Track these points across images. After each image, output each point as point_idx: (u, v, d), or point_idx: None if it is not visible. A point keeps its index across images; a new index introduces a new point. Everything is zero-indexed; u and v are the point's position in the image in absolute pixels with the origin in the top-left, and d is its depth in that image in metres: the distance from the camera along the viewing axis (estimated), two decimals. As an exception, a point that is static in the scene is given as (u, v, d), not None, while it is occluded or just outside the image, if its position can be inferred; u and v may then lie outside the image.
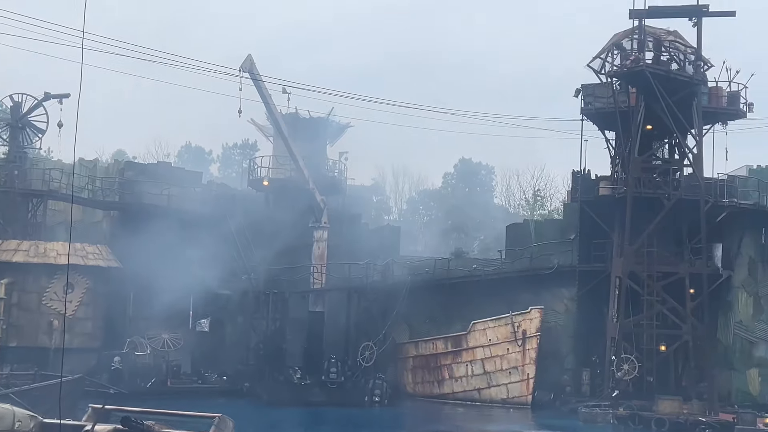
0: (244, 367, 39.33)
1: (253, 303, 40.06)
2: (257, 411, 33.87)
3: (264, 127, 45.42)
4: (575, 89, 38.68)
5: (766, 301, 36.99)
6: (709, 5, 37.04)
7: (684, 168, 37.49)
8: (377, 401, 36.78)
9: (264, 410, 34.46)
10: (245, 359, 39.68)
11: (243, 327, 40.84)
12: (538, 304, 37.45)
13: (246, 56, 38.24)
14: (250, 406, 34.97)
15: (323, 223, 40.96)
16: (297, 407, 34.94)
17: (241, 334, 40.70)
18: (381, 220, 60.26)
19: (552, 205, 71.62)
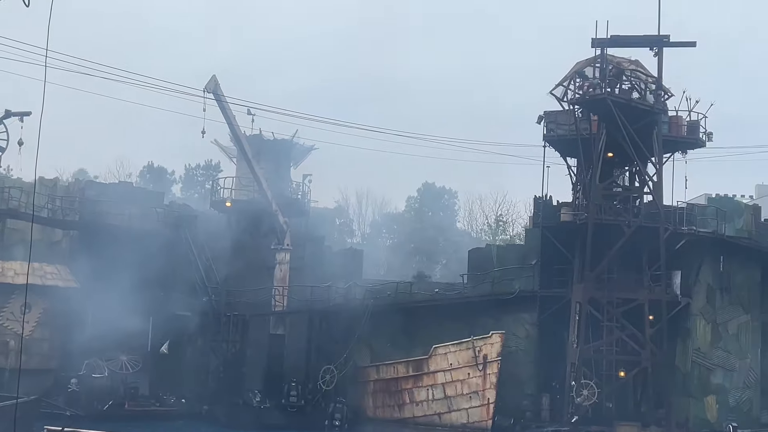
0: (203, 389, 38.94)
1: (213, 325, 39.74)
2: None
3: (227, 148, 45.28)
4: (538, 116, 39.05)
5: (724, 329, 37.42)
6: (670, 36, 37.62)
7: (644, 195, 37.90)
8: (337, 425, 36.56)
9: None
10: (204, 382, 39.29)
11: (203, 349, 40.48)
12: (500, 329, 37.54)
13: (210, 77, 38.21)
14: (208, 429, 34.65)
15: (286, 245, 40.84)
16: (256, 431, 34.63)
17: (201, 357, 40.33)
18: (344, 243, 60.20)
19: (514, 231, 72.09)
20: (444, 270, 59.95)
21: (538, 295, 38.49)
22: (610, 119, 35.90)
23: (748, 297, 38.26)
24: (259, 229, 41.85)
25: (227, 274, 40.72)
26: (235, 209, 42.56)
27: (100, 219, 39.80)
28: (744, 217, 38.96)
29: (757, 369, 38.33)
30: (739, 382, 37.45)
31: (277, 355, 39.75)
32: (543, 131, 38.94)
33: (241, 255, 41.17)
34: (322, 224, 51.24)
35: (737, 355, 37.57)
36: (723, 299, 37.51)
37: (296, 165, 46.14)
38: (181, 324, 40.10)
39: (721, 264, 37.30)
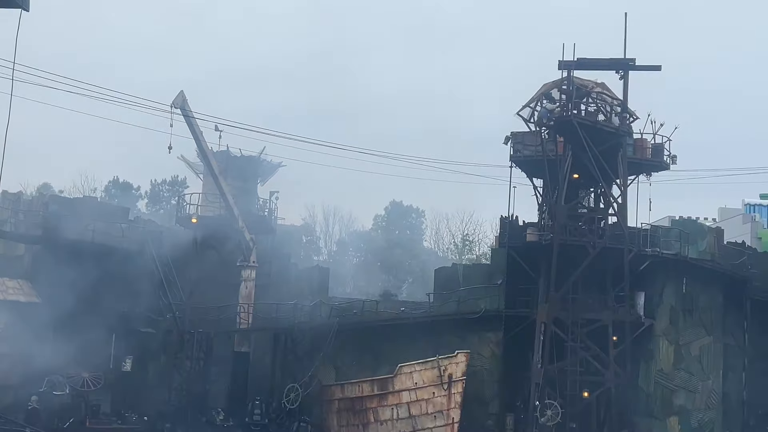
0: (166, 407, 38.52)
1: (177, 342, 39.39)
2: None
3: (194, 164, 45.05)
4: (505, 137, 39.29)
5: (687, 350, 37.75)
6: (635, 59, 38.13)
7: (609, 217, 38.23)
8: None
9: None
10: (167, 399, 38.88)
11: (166, 366, 40.10)
12: (465, 348, 37.57)
13: (178, 92, 38.08)
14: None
15: (251, 263, 40.66)
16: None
17: (164, 374, 39.95)
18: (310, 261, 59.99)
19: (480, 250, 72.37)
20: (410, 289, 60.03)
21: (503, 315, 38.59)
22: (576, 141, 36.23)
23: (711, 319, 38.66)
24: (224, 246, 41.64)
25: (192, 290, 40.42)
26: (201, 226, 42.31)
27: (63, 234, 39.35)
28: (707, 239, 39.43)
29: (719, 390, 38.69)
30: (701, 404, 37.77)
31: (241, 372, 39.48)
32: (510, 152, 39.19)
33: (207, 272, 40.91)
34: (288, 241, 51.10)
35: (699, 376, 37.91)
36: (686, 321, 37.85)
37: (263, 182, 46.02)
38: (145, 341, 39.75)
39: (684, 286, 37.68)
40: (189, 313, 39.62)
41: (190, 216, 42.84)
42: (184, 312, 39.57)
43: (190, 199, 44.32)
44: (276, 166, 45.64)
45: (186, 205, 44.16)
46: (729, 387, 39.81)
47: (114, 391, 38.86)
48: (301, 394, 38.07)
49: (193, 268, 41.07)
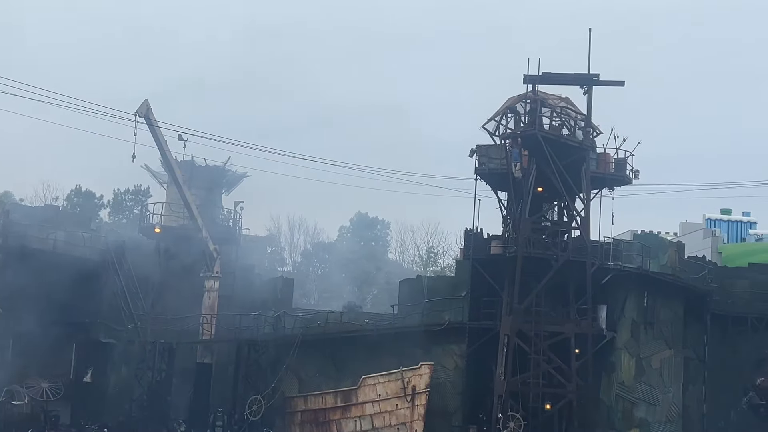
0: (127, 419, 38.17)
1: (138, 353, 39.05)
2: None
3: (158, 173, 44.77)
4: (470, 150, 39.48)
5: (648, 363, 38.07)
6: (599, 74, 38.58)
7: (572, 230, 38.50)
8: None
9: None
10: (128, 411, 38.52)
11: (127, 377, 39.72)
12: (429, 360, 37.64)
13: (142, 101, 37.86)
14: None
15: (215, 273, 40.45)
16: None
17: (125, 385, 39.57)
18: (275, 272, 59.75)
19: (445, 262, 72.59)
20: (375, 300, 59.98)
21: (467, 327, 38.68)
22: (541, 155, 36.52)
23: (671, 332, 39.05)
24: (188, 256, 41.38)
25: (154, 301, 40.13)
26: (165, 235, 42.04)
27: (24, 243, 38.91)
28: (668, 253, 39.84)
29: (679, 403, 39.06)
30: (662, 416, 38.09)
31: (203, 384, 39.18)
32: (475, 165, 39.38)
33: (169, 282, 40.65)
34: (252, 252, 50.90)
35: (660, 389, 38.24)
36: (647, 334, 38.19)
37: (228, 192, 45.84)
38: (106, 351, 39.35)
39: (646, 299, 38.02)
40: (151, 324, 39.30)
41: (153, 226, 42.58)
42: (146, 322, 39.24)
43: (153, 208, 44.11)
44: (241, 176, 45.49)
45: (149, 215, 43.91)
46: (689, 400, 40.22)
47: (74, 402, 38.46)
48: (263, 405, 37.87)
49: (156, 278, 40.78)
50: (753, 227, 77.99)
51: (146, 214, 44.47)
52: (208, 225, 40.95)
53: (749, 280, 43.04)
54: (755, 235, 74.82)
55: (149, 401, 38.25)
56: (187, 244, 41.05)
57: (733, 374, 40.89)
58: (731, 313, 41.73)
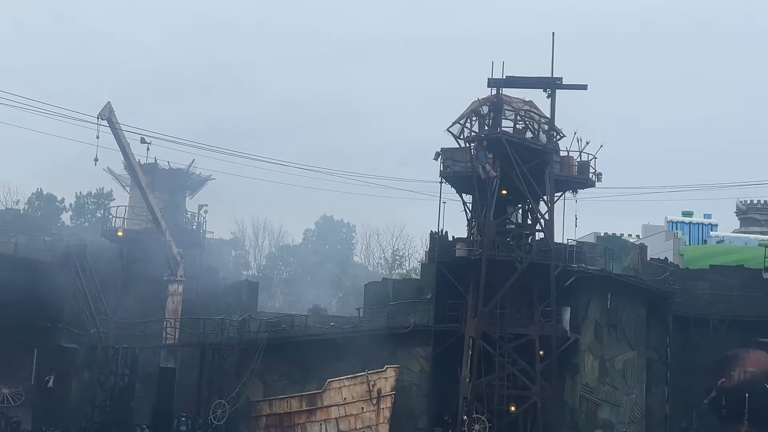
0: (89, 424, 37.69)
1: (101, 357, 38.59)
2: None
3: (121, 176, 44.34)
4: (435, 152, 39.59)
5: (611, 365, 38.39)
6: (562, 78, 38.81)
7: (536, 233, 38.73)
8: (228, 461, 35.89)
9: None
10: (91, 416, 38.03)
11: (89, 382, 39.24)
12: (394, 363, 37.67)
13: (105, 104, 37.51)
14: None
15: (179, 277, 40.11)
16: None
17: (87, 390, 39.08)
18: (239, 275, 59.39)
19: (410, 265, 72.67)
20: (340, 303, 59.87)
21: (432, 330, 38.76)
22: (505, 158, 36.71)
23: (634, 333, 39.41)
24: (151, 260, 40.99)
25: (117, 305, 39.72)
26: (127, 239, 41.64)
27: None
28: (631, 255, 40.21)
29: (642, 404, 39.42)
30: (625, 417, 38.42)
31: (167, 389, 38.82)
32: (440, 168, 39.49)
33: (133, 286, 40.25)
34: (217, 256, 50.56)
35: (623, 390, 38.57)
36: (610, 335, 38.50)
37: (192, 195, 45.50)
38: (68, 356, 38.87)
39: (609, 301, 38.36)
40: (114, 328, 38.87)
41: (116, 229, 42.18)
42: (108, 327, 38.81)
43: (116, 212, 43.65)
44: (205, 179, 45.18)
45: (112, 218, 43.47)
46: (652, 401, 40.62)
47: (35, 408, 37.91)
48: (228, 410, 37.62)
49: (119, 282, 40.38)
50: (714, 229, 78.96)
51: (109, 218, 44.05)
52: (172, 228, 40.61)
53: (710, 282, 43.60)
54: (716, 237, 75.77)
55: (112, 406, 37.82)
56: (151, 248, 40.66)
57: (695, 375, 41.37)
58: (693, 315, 42.23)
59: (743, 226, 76.41)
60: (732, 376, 38.15)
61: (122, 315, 39.58)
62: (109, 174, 44.33)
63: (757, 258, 45.91)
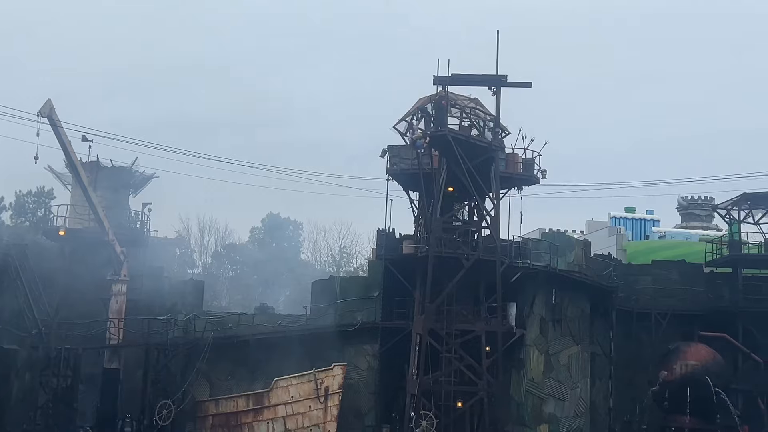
0: (31, 427, 36.98)
1: (43, 359, 37.90)
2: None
3: (62, 174, 43.60)
4: (382, 150, 39.60)
5: (556, 359, 38.79)
6: (507, 76, 39.10)
7: (482, 230, 38.96)
8: (174, 462, 35.51)
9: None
10: (32, 419, 37.32)
11: (31, 384, 38.50)
12: (342, 361, 37.62)
13: (45, 101, 36.84)
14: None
15: (122, 277, 39.58)
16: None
17: (29, 392, 38.34)
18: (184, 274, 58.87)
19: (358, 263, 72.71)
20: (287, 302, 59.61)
21: (380, 327, 38.80)
22: (451, 155, 36.85)
23: (578, 328, 39.86)
24: (94, 259, 40.39)
25: (59, 305, 39.04)
26: (69, 238, 40.98)
27: None
28: (575, 251, 40.66)
29: (587, 398, 39.90)
30: (570, 411, 38.85)
31: (111, 390, 38.29)
32: (386, 165, 39.52)
33: (75, 286, 39.60)
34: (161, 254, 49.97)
35: (568, 384, 39.00)
36: (555, 331, 38.90)
37: (135, 193, 44.93)
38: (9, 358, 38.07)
39: (554, 297, 38.73)
40: (56, 329, 38.20)
41: (57, 228, 41.50)
42: (50, 328, 38.13)
43: (57, 210, 42.97)
44: (148, 177, 44.63)
45: (53, 217, 42.82)
46: (596, 394, 41.14)
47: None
48: (173, 410, 37.24)
49: (61, 282, 39.69)
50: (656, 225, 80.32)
51: (50, 217, 43.42)
52: (115, 227, 40.06)
53: (652, 277, 44.32)
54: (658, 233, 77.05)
55: (54, 408, 37.17)
56: (93, 247, 40.09)
57: (638, 369, 42.02)
58: (636, 309, 42.88)
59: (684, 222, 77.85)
60: (674, 370, 38.81)
61: (64, 315, 38.94)
62: (50, 172, 43.59)
63: (698, 253, 46.81)
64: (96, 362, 39.02)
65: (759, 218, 44.78)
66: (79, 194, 40.86)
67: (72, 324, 38.66)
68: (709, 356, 39.01)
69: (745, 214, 44.51)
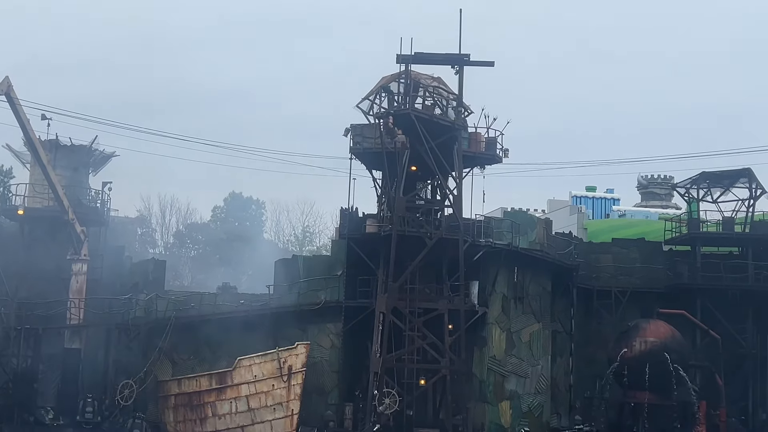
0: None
1: (2, 339, 37.55)
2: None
3: (21, 153, 43.10)
4: (345, 129, 39.52)
5: (518, 337, 39.15)
6: (470, 55, 39.11)
7: (445, 208, 39.10)
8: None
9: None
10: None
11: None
12: (305, 340, 37.66)
13: (3, 78, 36.30)
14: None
15: (83, 256, 39.26)
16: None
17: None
18: (146, 254, 58.44)
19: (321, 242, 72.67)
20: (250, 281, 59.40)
21: (343, 306, 38.88)
22: (414, 134, 36.86)
23: (540, 306, 40.24)
24: (54, 239, 40.03)
25: (19, 285, 38.64)
26: (28, 217, 40.57)
27: None
28: (536, 230, 40.95)
29: (548, 375, 40.35)
30: (531, 388, 39.28)
31: (72, 370, 38.07)
32: (350, 144, 39.45)
33: (35, 265, 39.22)
34: (122, 234, 49.65)
35: (529, 362, 39.40)
36: (517, 308, 39.23)
37: (95, 172, 44.51)
38: (-33, 339, 37.69)
39: (516, 275, 39.02)
40: (15, 309, 37.82)
41: (16, 207, 41.05)
42: (9, 308, 37.75)
43: (16, 189, 42.56)
44: (108, 156, 44.23)
45: (12, 196, 42.31)
46: (557, 371, 41.61)
47: (-67, 392, 36.67)
48: (136, 390, 37.10)
49: (20, 261, 39.27)
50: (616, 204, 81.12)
51: (9, 196, 42.83)
52: (75, 206, 39.70)
53: (612, 255, 44.80)
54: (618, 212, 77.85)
55: (15, 389, 36.87)
56: (53, 227, 39.72)
57: (599, 346, 42.53)
58: (596, 287, 43.35)
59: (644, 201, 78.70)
60: (633, 346, 39.32)
61: (24, 295, 38.56)
62: (8, 151, 43.16)
63: (657, 231, 47.36)
64: (57, 342, 38.72)
65: (717, 197, 45.33)
66: (38, 173, 40.40)
67: (32, 304, 38.31)
68: (667, 333, 39.56)
69: (704, 193, 45.05)
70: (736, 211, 44.74)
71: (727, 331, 41.76)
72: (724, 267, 42.58)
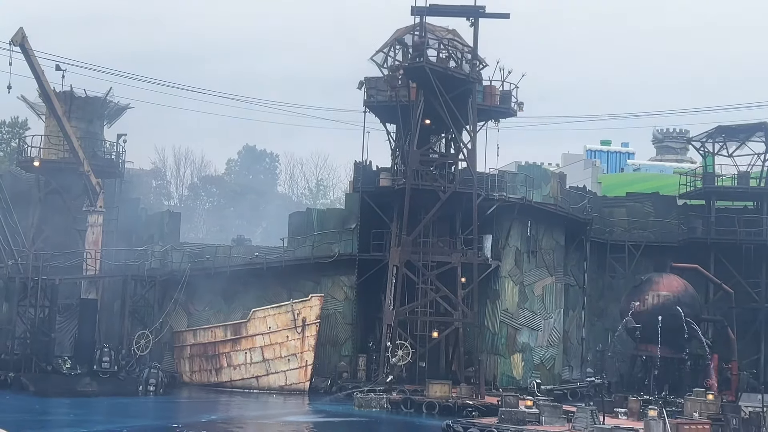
0: (9, 356, 37.17)
1: (20, 289, 37.93)
2: (23, 402, 32.30)
3: (36, 104, 43.09)
4: (359, 82, 39.35)
5: (530, 290, 39.30)
6: (485, 6, 38.70)
7: (459, 162, 39.01)
8: (152, 390, 35.83)
9: (31, 401, 32.83)
10: (10, 348, 37.50)
11: (8, 315, 38.66)
12: (319, 292, 37.95)
13: (17, 29, 36.21)
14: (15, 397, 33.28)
15: (98, 208, 39.47)
16: (66, 397, 33.58)
17: (6, 322, 38.53)
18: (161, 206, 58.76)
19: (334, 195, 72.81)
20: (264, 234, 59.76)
21: (356, 259, 39.06)
22: (428, 87, 36.65)
23: (553, 260, 40.32)
24: (70, 191, 40.21)
25: (35, 236, 38.93)
26: (44, 169, 40.73)
27: None
28: (550, 184, 40.91)
29: (560, 328, 40.58)
30: (543, 341, 39.52)
31: (88, 320, 38.44)
32: (364, 97, 39.30)
33: (51, 217, 39.51)
34: (137, 186, 49.84)
35: (542, 315, 39.60)
36: (530, 262, 39.32)
37: (110, 124, 44.52)
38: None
39: (529, 228, 39.06)
40: (32, 260, 38.15)
41: (32, 159, 41.17)
42: (27, 259, 38.09)
43: (31, 141, 42.57)
44: (123, 108, 44.19)
45: (27, 148, 42.37)
46: (569, 325, 41.85)
47: (-48, 342, 37.21)
48: (151, 340, 37.55)
49: (36, 213, 39.53)
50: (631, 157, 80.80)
51: (24, 147, 42.87)
52: (90, 158, 39.81)
53: (626, 209, 44.80)
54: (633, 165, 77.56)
55: (32, 338, 37.34)
56: (69, 178, 39.86)
57: (611, 300, 42.69)
58: (609, 241, 43.41)
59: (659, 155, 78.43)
60: (646, 300, 39.44)
61: (41, 246, 38.87)
62: (23, 102, 43.10)
63: (671, 185, 47.25)
64: (73, 293, 39.10)
65: (733, 151, 45.07)
66: (53, 125, 40.47)
67: (48, 255, 38.64)
68: (680, 287, 39.65)
69: (719, 147, 44.79)
70: (751, 165, 44.51)
71: (740, 285, 41.82)
72: (738, 221, 42.49)
